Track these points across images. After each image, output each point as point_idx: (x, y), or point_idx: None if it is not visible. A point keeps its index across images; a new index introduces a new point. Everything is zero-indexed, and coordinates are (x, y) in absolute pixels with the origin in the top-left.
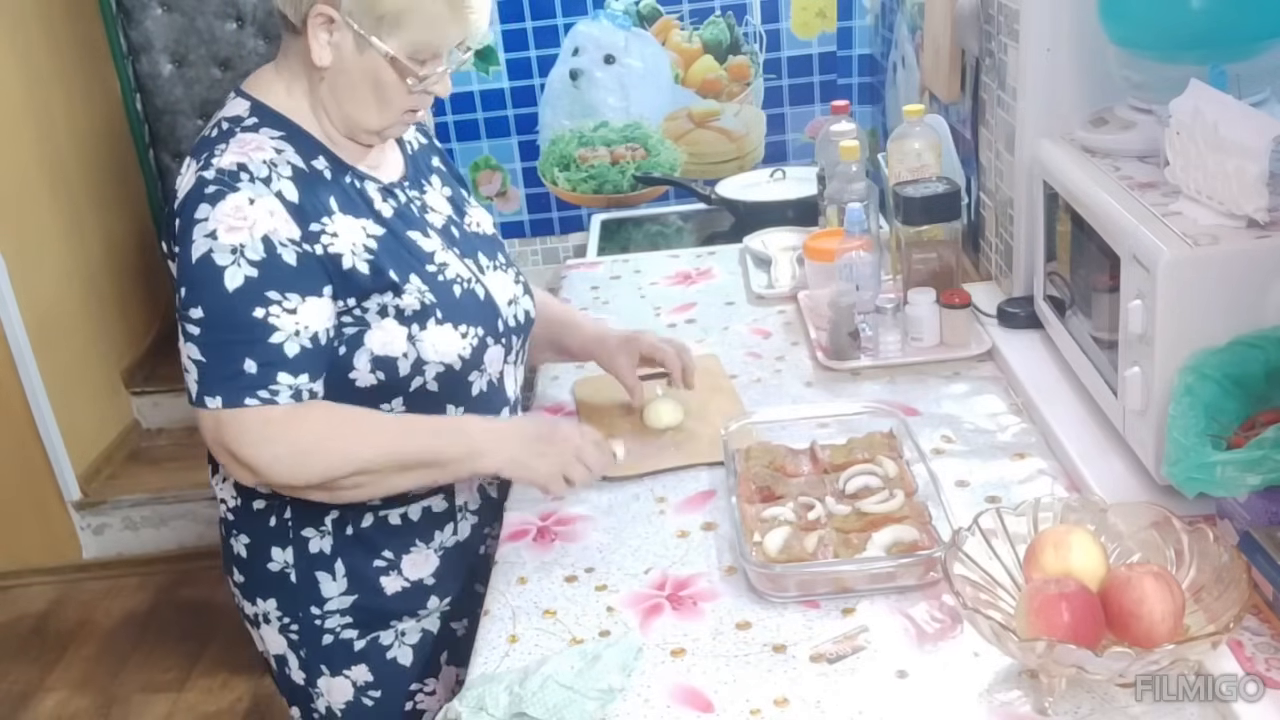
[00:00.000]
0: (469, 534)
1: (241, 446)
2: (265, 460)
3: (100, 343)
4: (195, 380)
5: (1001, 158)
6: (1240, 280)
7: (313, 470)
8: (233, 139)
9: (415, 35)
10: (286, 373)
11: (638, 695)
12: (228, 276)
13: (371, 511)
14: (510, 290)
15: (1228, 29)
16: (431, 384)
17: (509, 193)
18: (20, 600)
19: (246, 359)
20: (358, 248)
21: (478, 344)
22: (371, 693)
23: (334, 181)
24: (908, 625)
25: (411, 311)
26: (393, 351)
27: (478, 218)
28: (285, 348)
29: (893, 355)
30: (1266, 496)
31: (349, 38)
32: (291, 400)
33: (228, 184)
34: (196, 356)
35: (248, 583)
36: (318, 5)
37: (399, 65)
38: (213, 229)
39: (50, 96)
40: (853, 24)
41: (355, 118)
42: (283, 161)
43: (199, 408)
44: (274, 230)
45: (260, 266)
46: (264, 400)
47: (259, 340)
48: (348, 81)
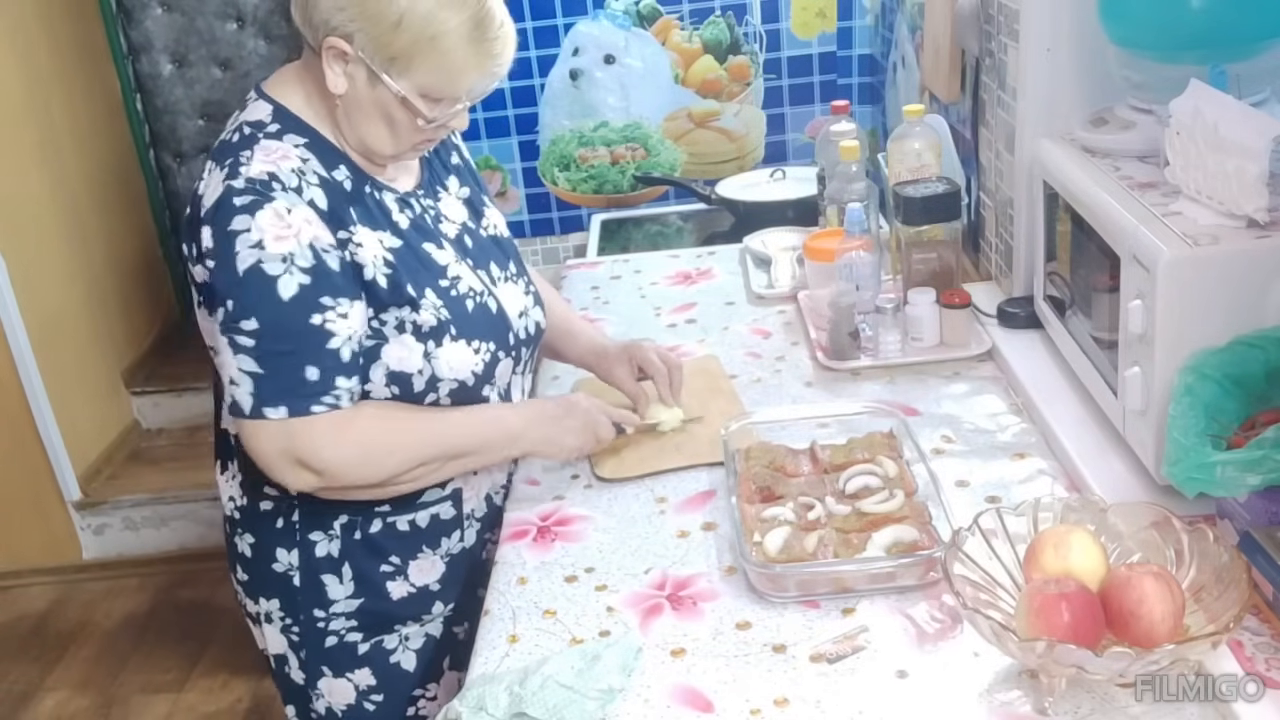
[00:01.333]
0: (474, 541)
1: (315, 453)
2: (339, 465)
3: (101, 343)
4: (250, 393)
5: (1001, 158)
6: (1240, 280)
7: (383, 468)
8: (257, 145)
9: (428, 79)
10: (343, 377)
11: (638, 695)
12: (281, 286)
13: (380, 517)
14: (521, 302)
15: (1228, 29)
16: (445, 399)
17: (509, 193)
18: (20, 600)
19: (308, 367)
20: (378, 260)
21: (490, 359)
22: (374, 696)
23: (354, 193)
24: (908, 625)
25: (428, 328)
26: (408, 368)
27: (494, 219)
28: (341, 353)
29: (893, 355)
30: (1266, 496)
31: (362, 71)
32: (349, 403)
33: (262, 193)
34: (251, 369)
35: (251, 581)
36: (331, 38)
37: (410, 105)
38: (258, 239)
39: (50, 96)
40: (853, 24)
41: (368, 143)
42: (309, 170)
43: (255, 419)
44: (316, 237)
45: (312, 274)
46: (329, 406)
47: (318, 347)
48: (361, 111)
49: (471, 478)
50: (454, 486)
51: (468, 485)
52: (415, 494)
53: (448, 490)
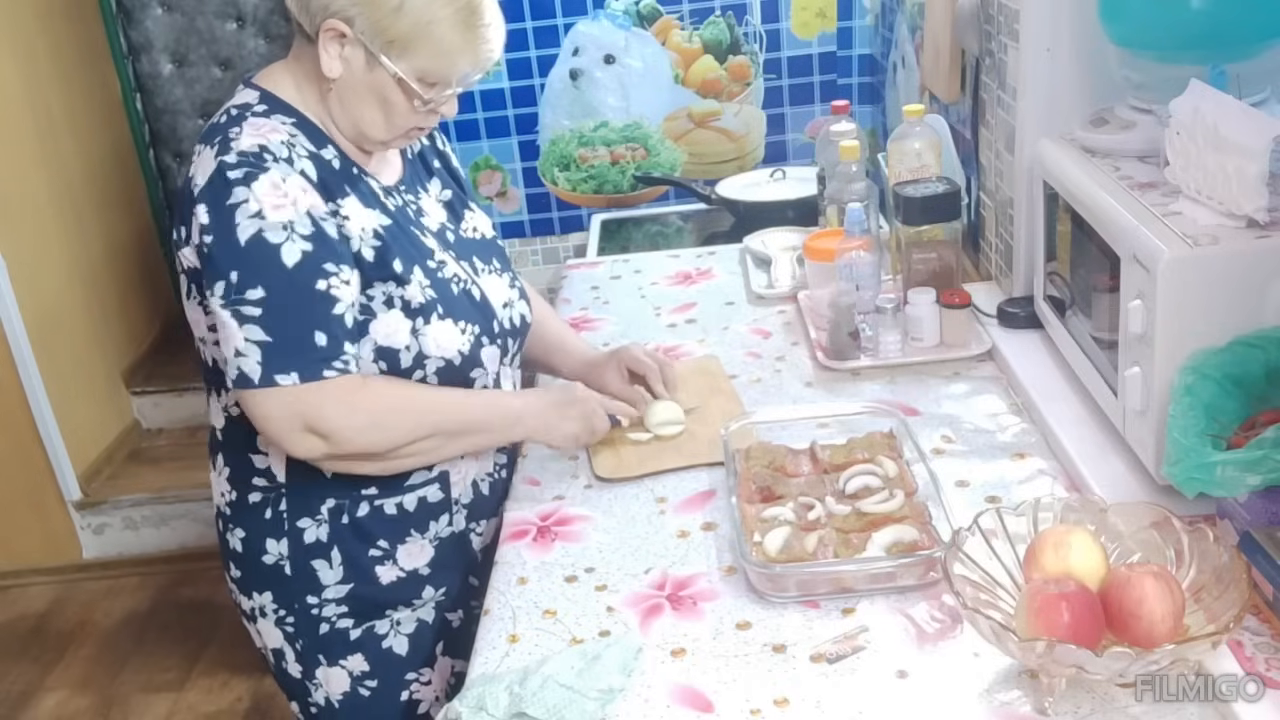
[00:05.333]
0: (463, 526)
1: (324, 418)
2: (349, 430)
3: (101, 343)
4: (258, 361)
5: (1001, 158)
6: (1240, 280)
7: (390, 436)
8: (245, 123)
9: (425, 61)
10: (349, 343)
11: (638, 695)
12: (285, 253)
13: (367, 501)
14: (505, 294)
15: (1228, 29)
16: (432, 378)
17: (509, 193)
18: (20, 600)
19: (317, 332)
20: (365, 233)
21: (475, 342)
22: (368, 682)
23: (343, 171)
24: (908, 625)
25: (417, 304)
26: (396, 343)
27: (475, 222)
28: (345, 318)
29: (893, 355)
30: (1266, 496)
31: (360, 53)
32: (357, 370)
33: (255, 165)
34: (259, 338)
35: (244, 577)
36: (330, 20)
37: (406, 87)
38: (257, 209)
39: (50, 96)
40: (853, 24)
41: (362, 128)
42: (298, 144)
43: (265, 386)
44: (313, 205)
45: (313, 240)
46: (340, 371)
47: (325, 313)
48: (356, 95)
49: (459, 461)
50: (440, 469)
51: (455, 469)
52: (403, 477)
53: (435, 473)
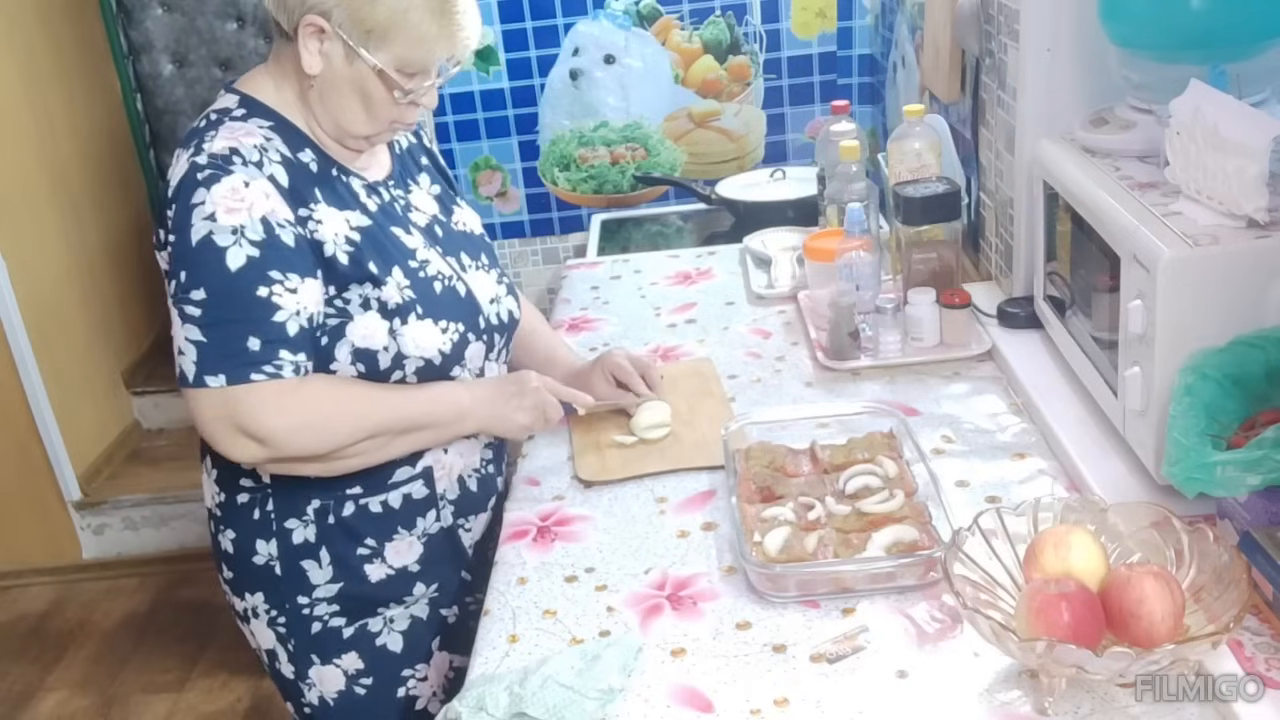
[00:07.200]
0: (451, 522)
1: (255, 420)
2: (282, 432)
3: (100, 343)
4: (193, 361)
5: (1001, 158)
6: (1240, 280)
7: (327, 439)
8: (222, 127)
9: (403, 50)
10: (287, 350)
11: (638, 695)
12: (230, 257)
13: (352, 500)
14: (492, 290)
15: (1228, 29)
16: (411, 378)
17: (509, 193)
18: (20, 600)
19: (250, 337)
20: (339, 238)
21: (458, 339)
22: (363, 680)
23: (320, 174)
24: (908, 625)
25: (394, 305)
26: (373, 344)
27: (464, 217)
28: (287, 326)
29: (893, 355)
30: (1266, 496)
31: (339, 48)
32: (294, 375)
33: (221, 167)
34: (196, 337)
35: (236, 578)
36: (309, 15)
37: (386, 78)
38: (211, 211)
39: (50, 96)
40: (853, 24)
41: (344, 124)
42: (272, 149)
43: (197, 387)
44: (271, 211)
45: (261, 246)
46: (269, 375)
47: (262, 319)
48: (336, 90)
49: (442, 456)
50: (424, 465)
51: (438, 465)
52: (386, 474)
53: (418, 469)
